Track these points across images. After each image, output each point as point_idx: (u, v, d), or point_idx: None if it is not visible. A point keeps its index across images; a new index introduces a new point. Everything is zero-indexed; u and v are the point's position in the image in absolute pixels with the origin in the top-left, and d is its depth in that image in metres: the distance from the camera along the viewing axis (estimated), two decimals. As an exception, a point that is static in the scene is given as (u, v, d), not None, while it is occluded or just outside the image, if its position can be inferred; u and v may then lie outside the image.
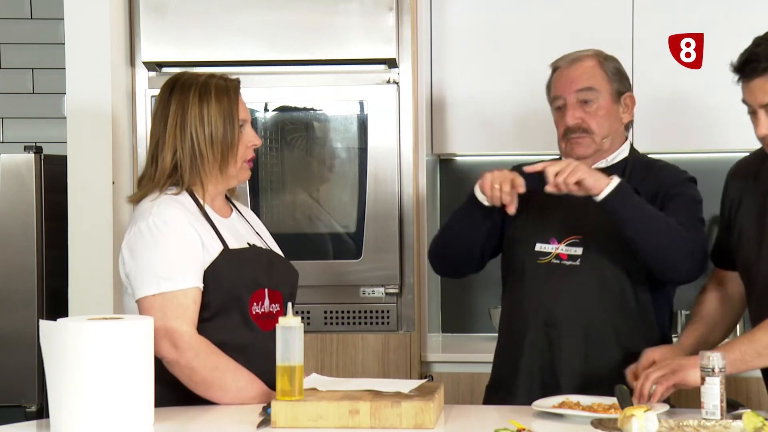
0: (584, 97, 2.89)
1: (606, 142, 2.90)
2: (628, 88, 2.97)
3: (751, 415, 2.19)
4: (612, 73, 2.93)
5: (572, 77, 2.91)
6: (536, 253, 2.90)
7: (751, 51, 2.49)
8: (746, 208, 2.66)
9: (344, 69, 3.78)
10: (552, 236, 2.89)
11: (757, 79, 2.48)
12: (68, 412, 2.25)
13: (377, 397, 2.35)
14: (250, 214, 2.89)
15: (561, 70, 2.95)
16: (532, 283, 2.89)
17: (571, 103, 2.90)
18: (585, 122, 2.89)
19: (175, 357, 2.53)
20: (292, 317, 2.38)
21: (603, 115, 2.90)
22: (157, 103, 2.70)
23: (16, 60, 4.66)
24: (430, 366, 3.77)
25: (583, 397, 2.54)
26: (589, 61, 2.93)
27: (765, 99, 2.48)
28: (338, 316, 3.79)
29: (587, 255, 2.85)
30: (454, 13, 4.00)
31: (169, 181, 2.65)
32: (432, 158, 4.09)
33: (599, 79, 2.91)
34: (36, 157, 3.81)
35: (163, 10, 3.75)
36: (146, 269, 2.56)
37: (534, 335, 2.87)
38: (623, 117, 2.95)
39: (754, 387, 3.43)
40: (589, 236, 2.86)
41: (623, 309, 2.85)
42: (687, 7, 3.88)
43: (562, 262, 2.86)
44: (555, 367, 2.84)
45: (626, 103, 2.95)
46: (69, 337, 2.25)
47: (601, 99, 2.90)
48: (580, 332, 2.84)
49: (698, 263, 2.77)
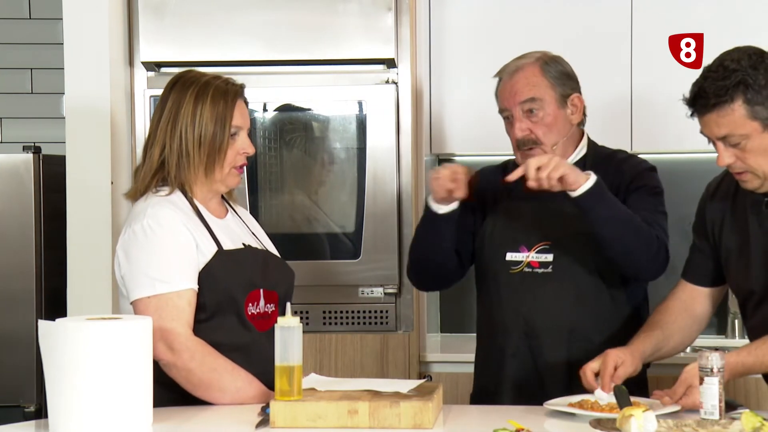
0: (529, 107, 2.88)
1: (557, 148, 2.89)
2: (574, 89, 2.93)
3: (750, 415, 2.19)
4: (555, 77, 2.90)
5: (515, 89, 2.89)
6: (508, 263, 2.90)
7: (699, 86, 2.47)
8: (729, 228, 2.66)
9: (343, 69, 3.79)
10: (521, 244, 2.89)
11: (708, 115, 2.47)
12: (67, 412, 2.25)
13: (376, 397, 2.35)
14: (246, 215, 2.88)
15: (504, 81, 2.93)
16: (507, 294, 2.89)
17: (517, 116, 2.89)
18: (533, 133, 2.88)
19: (171, 359, 2.53)
20: (291, 317, 2.38)
21: (550, 122, 2.88)
22: (160, 97, 2.70)
23: (14, 60, 4.65)
24: (429, 366, 3.77)
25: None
26: (529, 69, 2.90)
27: (720, 132, 2.47)
28: (337, 316, 3.79)
29: (558, 260, 2.85)
30: (452, 13, 4.00)
31: (157, 177, 2.64)
32: (431, 158, 4.09)
33: (542, 88, 2.88)
34: (35, 157, 3.81)
35: (162, 10, 3.75)
36: (141, 271, 2.55)
37: (514, 346, 2.88)
38: (572, 119, 2.92)
39: (753, 387, 3.43)
40: (558, 241, 2.86)
41: (600, 310, 2.86)
42: (687, 7, 3.88)
43: (534, 270, 2.87)
44: (539, 376, 2.85)
45: (574, 104, 2.93)
46: (68, 337, 2.24)
47: (546, 107, 2.88)
48: (561, 339, 2.84)
49: (661, 263, 2.79)
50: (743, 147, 2.47)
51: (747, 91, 2.43)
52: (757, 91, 2.43)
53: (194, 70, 2.73)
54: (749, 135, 2.46)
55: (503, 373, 2.88)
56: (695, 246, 2.78)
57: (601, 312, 2.86)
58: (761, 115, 2.45)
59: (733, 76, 2.44)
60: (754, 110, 2.44)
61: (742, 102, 2.44)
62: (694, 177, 2.96)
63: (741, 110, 2.44)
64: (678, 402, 2.44)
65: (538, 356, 2.86)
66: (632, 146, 3.95)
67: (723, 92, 2.43)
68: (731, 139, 2.47)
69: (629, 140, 3.95)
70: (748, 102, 2.44)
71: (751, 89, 2.43)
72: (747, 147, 2.47)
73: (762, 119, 2.45)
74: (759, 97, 2.44)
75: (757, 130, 2.46)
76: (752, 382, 3.40)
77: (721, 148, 2.50)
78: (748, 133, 2.45)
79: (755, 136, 2.46)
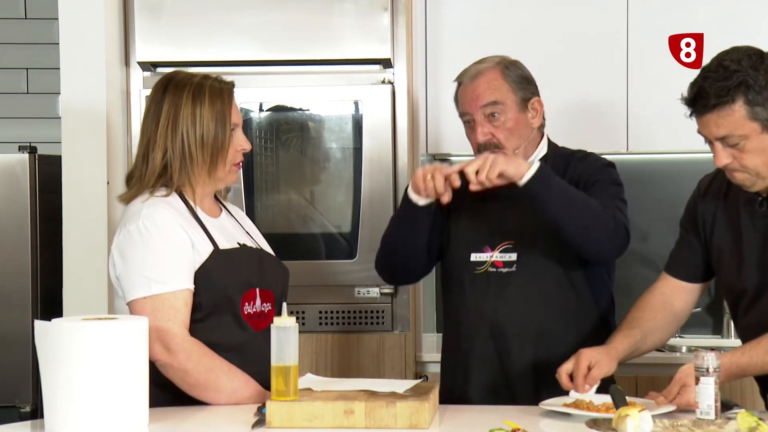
0: (490, 111, 2.88)
1: (519, 152, 2.89)
2: (534, 93, 2.94)
3: (746, 415, 2.19)
4: (515, 81, 2.90)
5: (476, 93, 2.90)
6: (472, 264, 2.91)
7: (699, 86, 2.46)
8: (721, 226, 2.66)
9: (339, 69, 3.79)
10: (485, 244, 2.90)
11: (708, 115, 2.47)
12: (63, 412, 2.25)
13: (372, 398, 2.35)
14: (239, 213, 2.88)
15: (465, 85, 2.94)
16: (472, 295, 2.89)
17: (479, 120, 2.89)
18: (495, 137, 2.88)
19: (167, 360, 2.53)
20: (287, 317, 2.38)
21: (512, 126, 2.89)
22: (150, 101, 2.69)
23: (10, 60, 4.65)
24: (425, 366, 3.77)
25: (596, 397, 2.53)
26: (490, 73, 2.91)
27: (719, 132, 2.47)
28: (333, 316, 3.79)
29: (522, 259, 2.86)
30: (449, 13, 4.00)
31: (159, 182, 2.64)
32: (427, 158, 4.09)
33: (503, 91, 2.89)
34: (30, 157, 3.80)
35: (158, 10, 3.75)
36: (136, 272, 2.55)
37: (481, 347, 2.88)
38: (533, 122, 2.93)
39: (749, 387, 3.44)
40: (520, 240, 2.87)
41: (565, 306, 2.86)
42: (684, 7, 3.88)
43: (499, 270, 2.87)
44: (506, 376, 2.85)
45: (534, 107, 2.93)
46: (64, 338, 2.24)
47: (508, 111, 2.89)
48: (527, 338, 2.84)
49: (620, 240, 2.79)
50: (741, 147, 2.47)
51: (748, 92, 2.43)
52: (758, 92, 2.43)
53: (182, 71, 2.73)
54: (748, 136, 2.46)
55: (470, 375, 2.88)
56: (682, 240, 2.78)
57: (567, 311, 2.86)
58: (761, 116, 2.44)
59: (735, 76, 2.43)
60: (755, 111, 2.44)
61: (743, 103, 2.43)
62: (690, 177, 2.95)
63: (742, 111, 2.44)
64: (672, 402, 2.44)
65: (504, 357, 2.86)
66: (628, 146, 3.96)
67: (724, 93, 2.43)
68: (730, 139, 2.47)
69: (625, 140, 3.95)
70: (749, 103, 2.43)
71: (752, 90, 2.43)
72: (745, 148, 2.47)
73: (762, 120, 2.45)
74: (759, 98, 2.44)
75: (756, 131, 2.46)
76: (747, 382, 3.40)
77: (718, 149, 2.50)
78: (747, 133, 2.45)
79: (754, 137, 2.46)
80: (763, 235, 2.57)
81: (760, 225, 2.58)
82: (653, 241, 4.08)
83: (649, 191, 4.14)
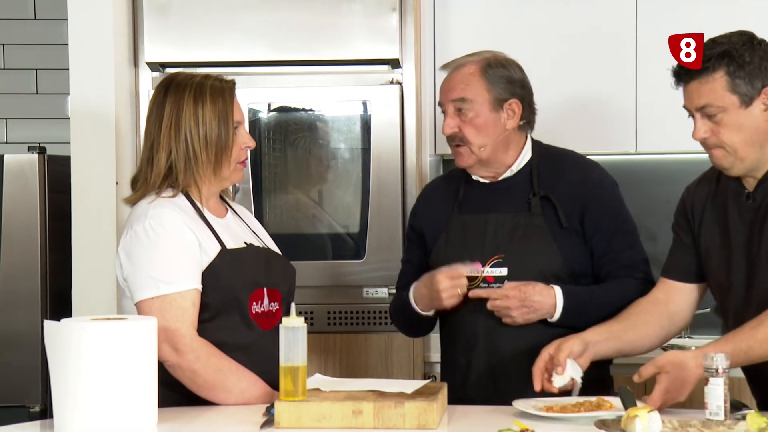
0: (459, 106, 2.87)
1: (485, 150, 2.87)
2: (515, 95, 2.89)
3: (755, 416, 2.19)
4: (493, 80, 2.87)
5: (450, 85, 2.90)
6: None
7: None
8: (709, 223, 2.66)
9: (347, 69, 3.79)
10: (475, 260, 2.88)
11: (692, 83, 2.51)
12: (72, 412, 2.25)
13: (380, 398, 2.35)
14: (245, 213, 2.89)
15: (446, 76, 2.95)
16: (465, 312, 2.87)
17: (449, 112, 2.89)
18: (461, 131, 2.88)
19: (176, 360, 2.53)
20: (295, 317, 2.38)
21: (480, 124, 2.87)
22: (152, 103, 2.69)
23: (19, 60, 4.66)
24: (433, 366, 3.76)
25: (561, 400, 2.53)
26: (469, 68, 2.89)
27: (700, 102, 2.50)
28: (341, 316, 3.79)
29: (513, 273, 2.84)
30: (457, 14, 4.00)
31: (165, 183, 2.64)
32: (435, 158, 4.09)
33: (475, 88, 2.87)
34: (39, 157, 3.81)
35: (167, 10, 3.76)
36: (144, 272, 2.55)
37: (476, 364, 2.87)
38: (507, 123, 2.89)
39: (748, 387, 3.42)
40: (510, 254, 2.85)
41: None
42: (692, 7, 3.88)
43: (490, 285, 2.85)
44: (502, 392, 2.79)
45: (511, 109, 2.89)
46: (73, 338, 2.25)
47: (477, 108, 2.86)
48: (522, 353, 2.81)
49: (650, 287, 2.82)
50: (719, 120, 2.50)
51: (730, 63, 2.47)
52: (740, 66, 2.47)
53: (182, 72, 2.75)
54: (726, 108, 2.49)
55: (465, 389, 2.87)
56: (674, 243, 2.78)
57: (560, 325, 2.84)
58: (740, 90, 2.48)
59: (719, 47, 2.48)
60: (735, 83, 2.47)
61: (724, 73, 2.47)
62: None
63: (722, 81, 2.48)
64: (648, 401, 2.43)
65: (500, 373, 2.85)
66: (637, 146, 3.96)
67: (706, 60, 2.48)
68: (709, 109, 2.50)
69: (634, 140, 3.95)
70: (730, 74, 2.47)
71: (735, 63, 2.47)
72: (723, 121, 2.50)
73: (741, 94, 2.48)
74: (741, 72, 2.47)
75: (735, 105, 2.49)
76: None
77: (698, 120, 2.53)
78: (726, 106, 2.49)
79: (732, 111, 2.49)
80: (750, 228, 2.57)
81: (747, 219, 2.58)
82: (661, 242, 4.06)
83: (657, 192, 4.14)
